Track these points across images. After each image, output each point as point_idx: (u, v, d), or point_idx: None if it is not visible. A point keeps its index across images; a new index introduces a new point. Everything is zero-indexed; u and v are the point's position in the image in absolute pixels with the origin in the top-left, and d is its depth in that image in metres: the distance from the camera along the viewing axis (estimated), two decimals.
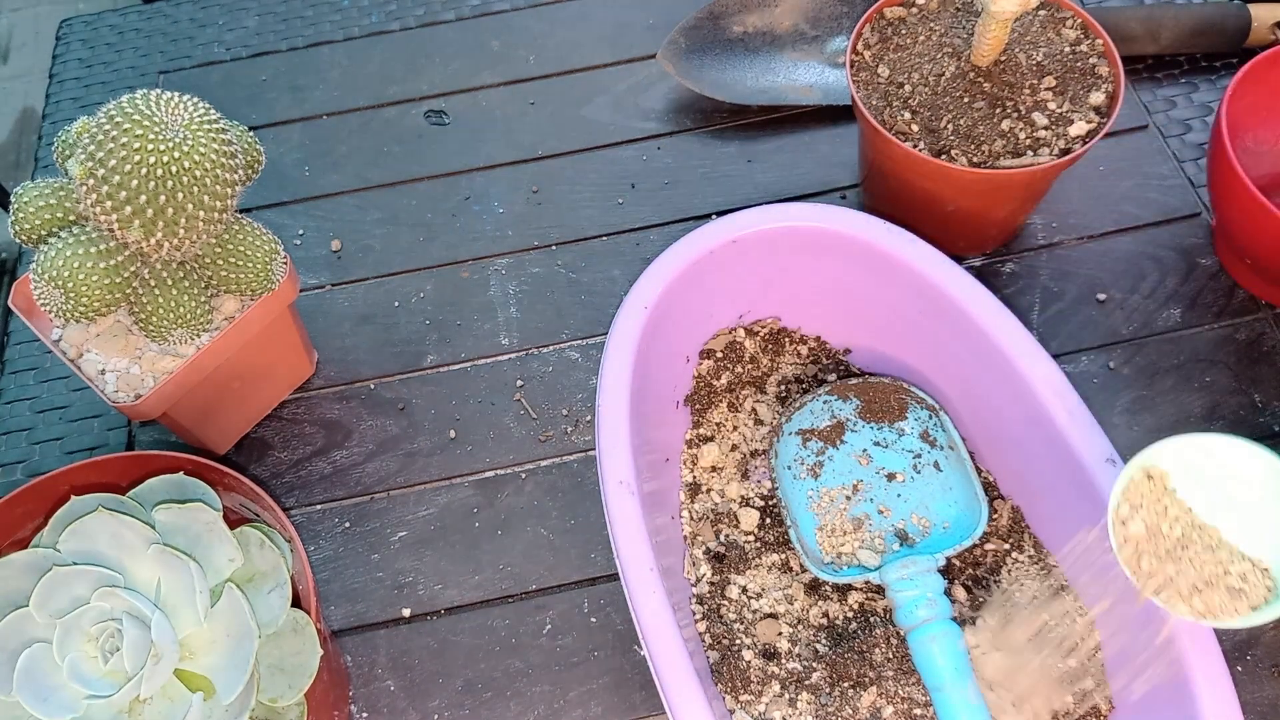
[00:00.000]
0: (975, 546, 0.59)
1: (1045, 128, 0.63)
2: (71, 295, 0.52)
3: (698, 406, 0.63)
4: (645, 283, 0.57)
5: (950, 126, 0.63)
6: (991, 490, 0.60)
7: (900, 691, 0.54)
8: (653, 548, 0.50)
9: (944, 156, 0.63)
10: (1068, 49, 0.65)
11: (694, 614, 0.57)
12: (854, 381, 0.62)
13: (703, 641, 0.56)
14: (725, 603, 0.58)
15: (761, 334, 0.65)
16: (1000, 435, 0.59)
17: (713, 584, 0.58)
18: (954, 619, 0.54)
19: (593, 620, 0.61)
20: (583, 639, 0.60)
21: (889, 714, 0.54)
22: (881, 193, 0.71)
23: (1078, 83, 0.64)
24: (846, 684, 0.55)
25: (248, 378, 0.64)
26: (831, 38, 0.81)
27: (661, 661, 0.47)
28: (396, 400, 0.69)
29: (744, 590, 0.58)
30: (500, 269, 0.74)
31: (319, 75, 0.85)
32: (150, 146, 0.49)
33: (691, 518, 0.60)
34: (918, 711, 0.54)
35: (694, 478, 0.62)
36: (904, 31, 0.67)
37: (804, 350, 0.66)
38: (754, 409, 0.64)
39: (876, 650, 0.55)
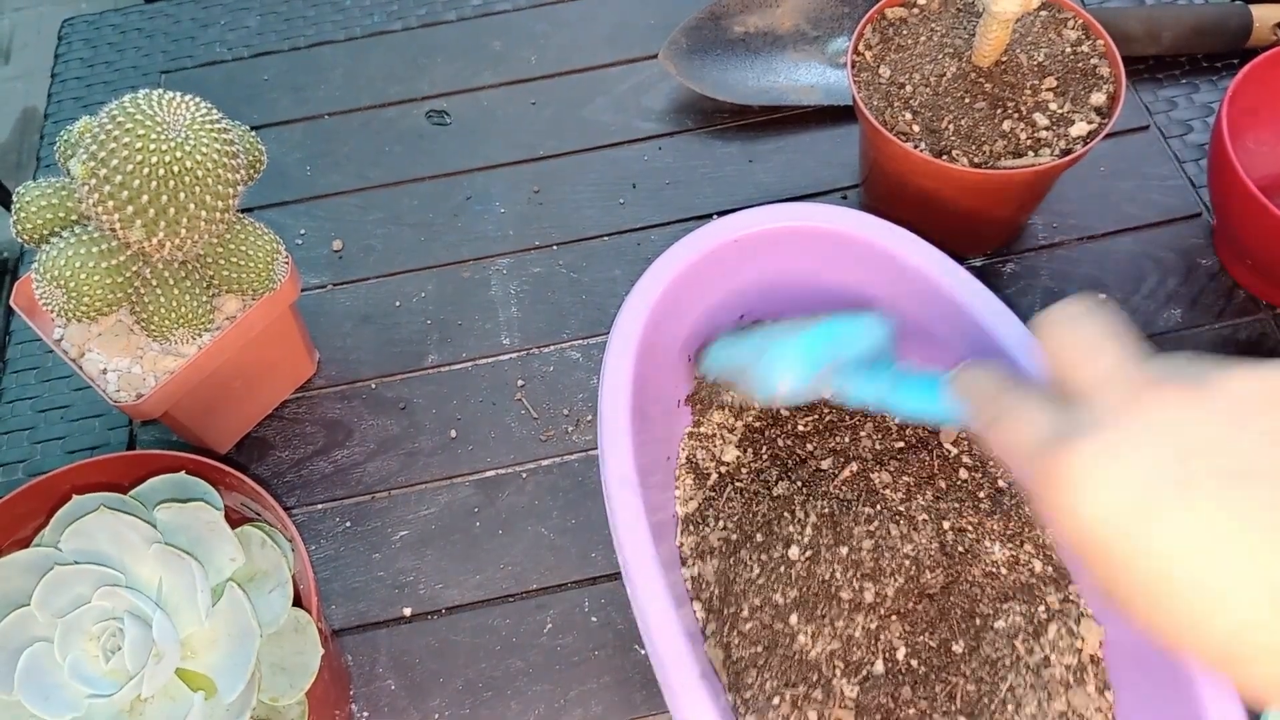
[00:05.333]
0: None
1: (1046, 128, 0.63)
2: (73, 295, 0.52)
3: (698, 406, 0.63)
4: (646, 282, 0.57)
5: (951, 127, 0.63)
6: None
7: None
8: (654, 546, 0.50)
9: (945, 157, 0.63)
10: (1069, 49, 0.65)
11: (694, 611, 0.57)
12: None
13: (704, 639, 0.56)
14: (725, 600, 0.58)
15: None
16: None
17: (713, 582, 0.58)
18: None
19: (593, 620, 0.61)
20: (583, 638, 0.60)
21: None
22: (882, 193, 0.71)
23: (1079, 83, 0.64)
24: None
25: (249, 377, 0.64)
26: (833, 38, 0.81)
27: (665, 659, 0.47)
28: (398, 400, 0.69)
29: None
30: (501, 269, 0.74)
31: (321, 75, 0.85)
32: (152, 146, 0.49)
33: None
34: None
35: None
36: (905, 32, 0.67)
37: None
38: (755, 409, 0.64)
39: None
